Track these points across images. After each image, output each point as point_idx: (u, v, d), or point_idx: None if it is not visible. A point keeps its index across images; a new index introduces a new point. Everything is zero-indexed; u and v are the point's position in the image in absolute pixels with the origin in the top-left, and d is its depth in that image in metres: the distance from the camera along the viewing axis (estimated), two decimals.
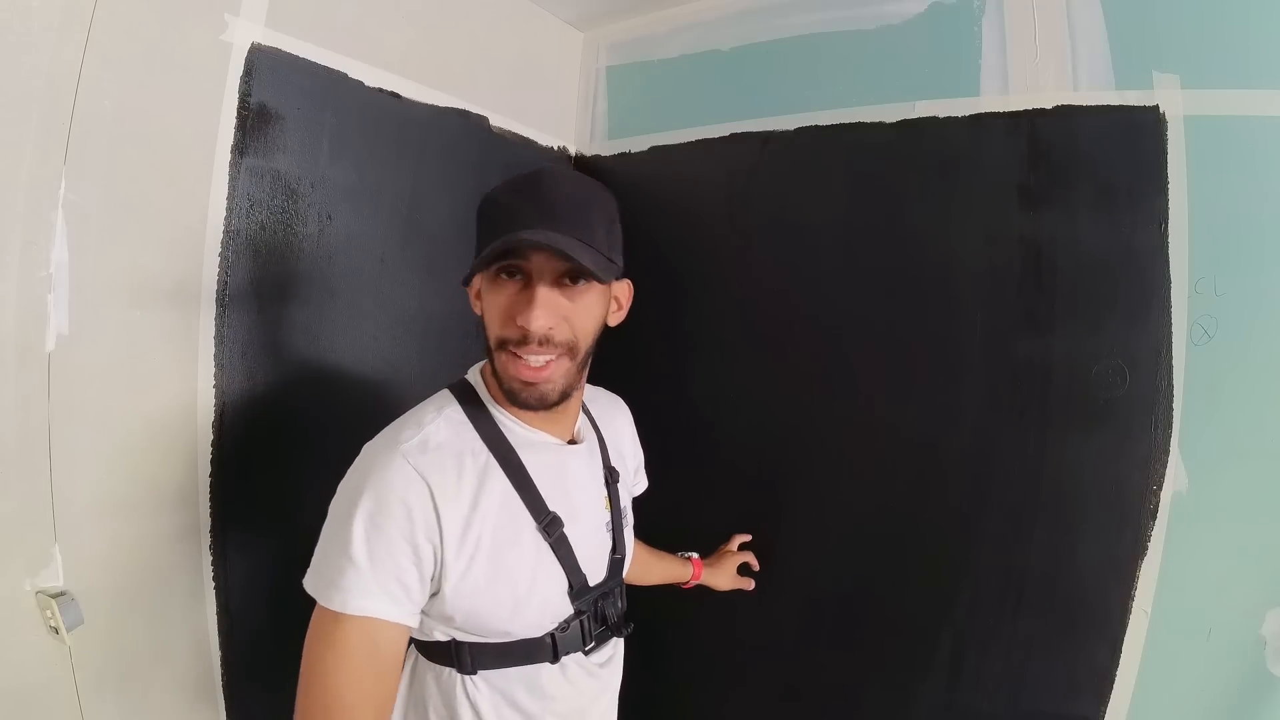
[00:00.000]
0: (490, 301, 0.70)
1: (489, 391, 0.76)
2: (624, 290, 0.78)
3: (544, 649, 0.74)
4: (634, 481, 1.02)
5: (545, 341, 0.67)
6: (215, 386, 1.01)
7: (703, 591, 1.27)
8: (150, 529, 0.95)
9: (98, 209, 0.87)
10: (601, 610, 0.78)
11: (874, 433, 1.21)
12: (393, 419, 0.76)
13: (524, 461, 0.74)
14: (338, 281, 1.16)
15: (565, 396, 0.72)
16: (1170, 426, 0.97)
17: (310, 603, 0.67)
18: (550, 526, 0.73)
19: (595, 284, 0.70)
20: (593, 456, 0.84)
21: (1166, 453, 0.97)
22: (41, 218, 0.83)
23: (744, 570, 1.29)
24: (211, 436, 1.00)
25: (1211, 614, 0.94)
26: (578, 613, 0.76)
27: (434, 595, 0.69)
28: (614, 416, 0.95)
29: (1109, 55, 1.03)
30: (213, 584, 1.02)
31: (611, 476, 0.86)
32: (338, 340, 1.17)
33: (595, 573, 0.79)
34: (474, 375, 0.79)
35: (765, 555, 1.31)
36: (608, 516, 0.83)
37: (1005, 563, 1.08)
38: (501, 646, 0.72)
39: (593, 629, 0.78)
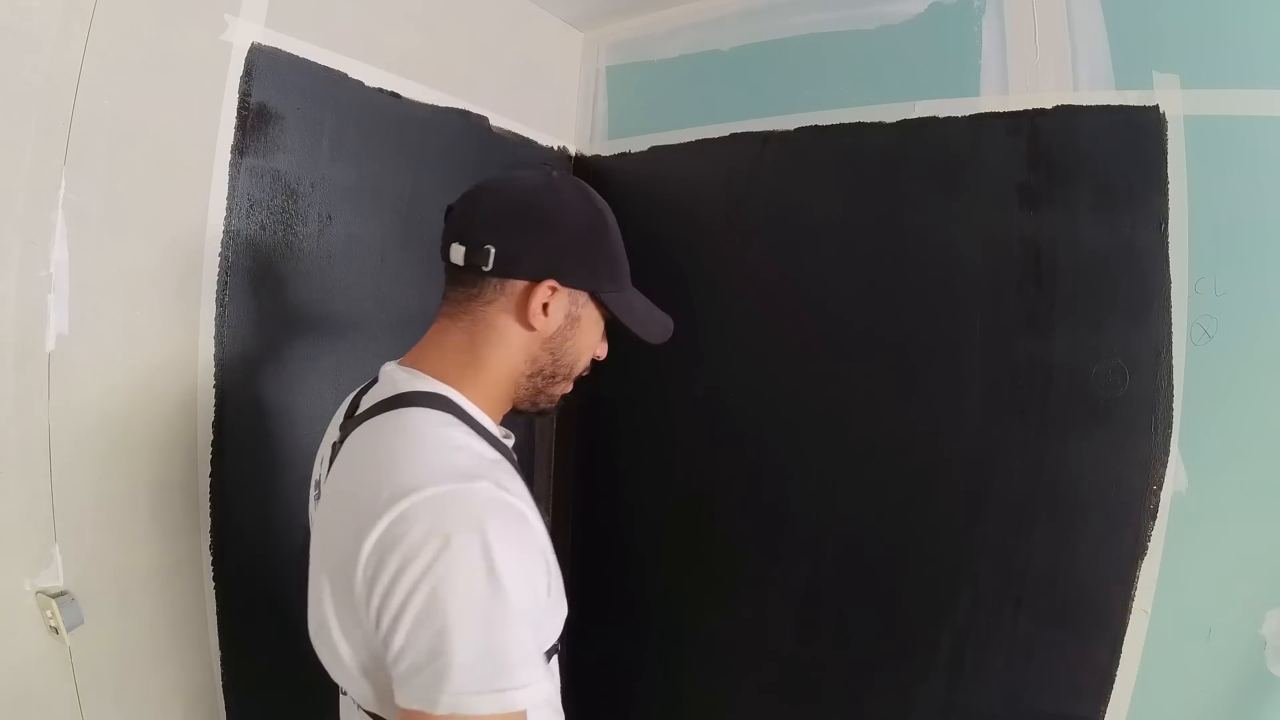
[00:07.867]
0: (592, 336, 0.73)
1: (466, 397, 0.67)
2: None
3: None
4: None
5: None
6: (215, 386, 1.01)
7: (705, 591, 1.25)
8: (150, 529, 0.95)
9: (98, 209, 0.87)
10: None
11: (874, 432, 1.21)
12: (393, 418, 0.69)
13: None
14: (338, 281, 1.16)
15: None
16: (1170, 426, 0.97)
17: None
18: (542, 514, 0.68)
19: None
20: None
21: (1166, 453, 0.97)
22: (41, 218, 0.83)
23: None
24: (211, 436, 1.00)
25: (1211, 614, 0.94)
26: None
27: None
28: None
29: (1109, 55, 1.03)
30: (213, 584, 1.01)
31: None
32: (338, 341, 1.17)
33: None
34: (431, 384, 0.66)
35: (766, 555, 1.31)
36: None
37: (1005, 563, 1.08)
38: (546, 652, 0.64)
39: None
